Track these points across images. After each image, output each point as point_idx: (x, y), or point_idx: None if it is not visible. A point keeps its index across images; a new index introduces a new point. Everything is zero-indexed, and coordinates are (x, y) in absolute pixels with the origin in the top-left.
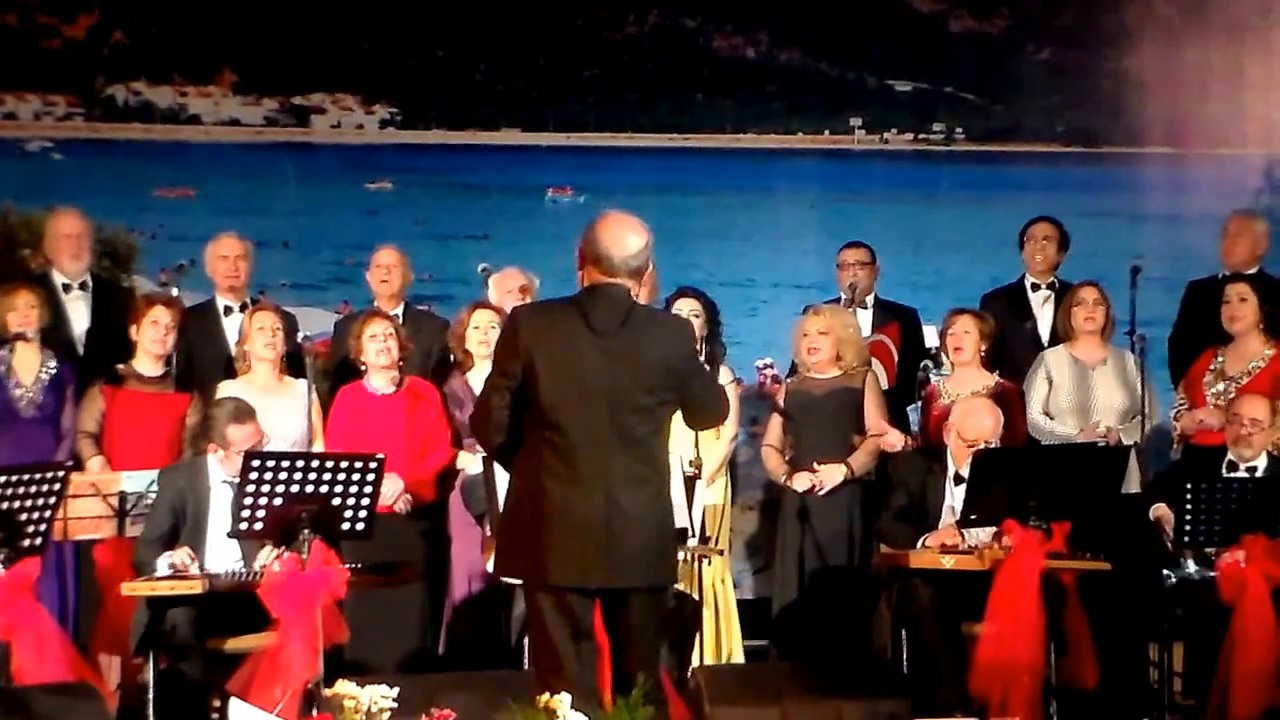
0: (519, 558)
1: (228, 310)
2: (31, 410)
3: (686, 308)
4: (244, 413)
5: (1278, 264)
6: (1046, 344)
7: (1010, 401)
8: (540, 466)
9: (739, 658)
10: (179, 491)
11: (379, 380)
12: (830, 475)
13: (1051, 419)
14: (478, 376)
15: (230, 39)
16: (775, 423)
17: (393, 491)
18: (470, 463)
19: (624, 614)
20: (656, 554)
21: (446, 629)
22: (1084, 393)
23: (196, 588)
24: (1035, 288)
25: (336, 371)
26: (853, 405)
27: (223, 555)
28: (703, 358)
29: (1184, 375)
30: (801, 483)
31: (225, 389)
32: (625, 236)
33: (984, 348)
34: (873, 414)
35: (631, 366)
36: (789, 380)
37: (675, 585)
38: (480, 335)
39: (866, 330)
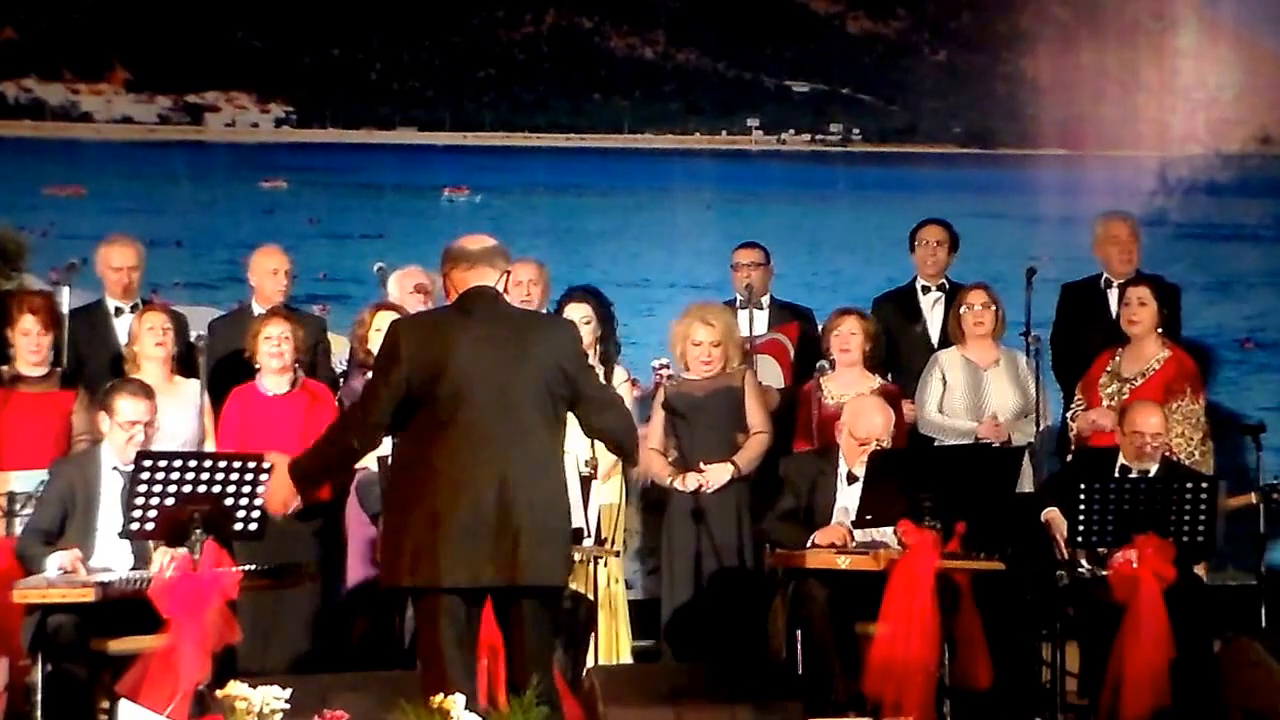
0: (411, 562)
1: (118, 311)
2: None
3: (579, 312)
4: (140, 388)
5: (1167, 266)
6: (936, 346)
7: (894, 404)
8: (430, 469)
9: (627, 658)
10: (69, 481)
11: (272, 381)
12: (718, 475)
13: (949, 418)
14: None
15: (123, 36)
16: (657, 424)
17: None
18: (364, 461)
19: (517, 612)
20: (549, 552)
21: (338, 630)
22: (977, 394)
23: (90, 595)
24: (925, 290)
25: (214, 369)
26: (735, 404)
27: (113, 549)
28: (596, 357)
29: (1069, 374)
30: (689, 483)
31: None
32: (477, 236)
33: (868, 349)
34: (754, 412)
35: (517, 358)
36: (669, 381)
37: (569, 586)
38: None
39: (762, 331)
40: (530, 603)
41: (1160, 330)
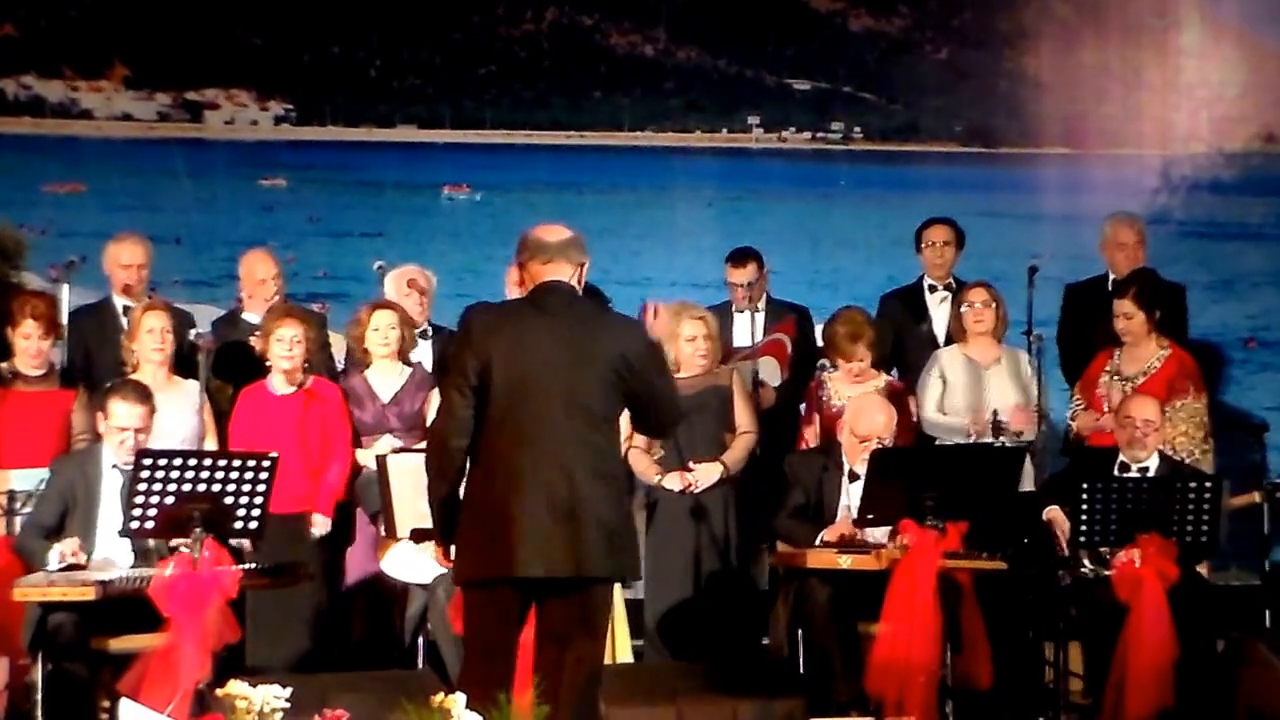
0: (482, 555)
1: (126, 310)
2: None
3: None
4: (136, 393)
5: (1170, 265)
6: (942, 344)
7: (899, 402)
8: (500, 461)
9: (628, 658)
10: (70, 478)
11: (279, 381)
12: (706, 474)
13: (946, 416)
14: (376, 374)
15: (122, 33)
16: None
17: (321, 527)
18: (366, 459)
19: (578, 603)
20: (613, 545)
21: (339, 629)
22: (977, 392)
23: (90, 594)
24: (932, 289)
25: (216, 368)
26: (722, 404)
27: (114, 547)
28: None
29: (1077, 374)
30: (675, 482)
31: None
32: (556, 227)
33: (868, 353)
34: (742, 412)
35: (585, 353)
36: None
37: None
38: (380, 338)
39: (760, 333)
40: (592, 593)
41: (1157, 330)
